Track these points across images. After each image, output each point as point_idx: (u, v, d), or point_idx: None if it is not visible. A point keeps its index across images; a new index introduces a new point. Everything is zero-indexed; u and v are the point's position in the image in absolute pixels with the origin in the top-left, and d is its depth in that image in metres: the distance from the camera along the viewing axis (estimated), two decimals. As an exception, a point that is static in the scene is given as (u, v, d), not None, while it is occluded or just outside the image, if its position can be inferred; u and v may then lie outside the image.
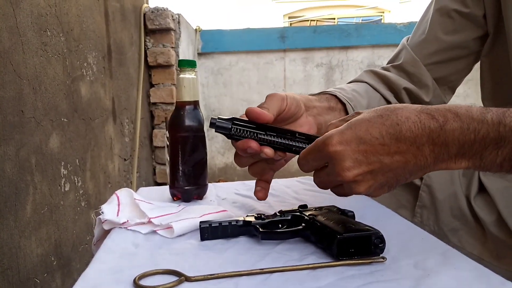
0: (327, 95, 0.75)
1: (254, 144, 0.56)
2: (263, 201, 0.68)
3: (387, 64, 0.91)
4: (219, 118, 0.58)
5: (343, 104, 0.75)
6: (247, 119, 0.59)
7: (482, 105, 0.85)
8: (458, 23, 0.80)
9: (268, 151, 0.57)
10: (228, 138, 0.59)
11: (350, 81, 0.89)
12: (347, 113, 0.75)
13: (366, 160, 0.46)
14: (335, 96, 0.75)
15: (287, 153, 0.60)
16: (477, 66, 0.88)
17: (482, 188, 0.75)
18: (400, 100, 0.85)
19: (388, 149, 0.45)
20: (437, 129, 0.44)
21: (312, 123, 0.67)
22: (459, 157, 0.46)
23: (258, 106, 0.58)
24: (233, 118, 0.59)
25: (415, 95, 0.85)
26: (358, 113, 0.50)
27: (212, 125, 0.58)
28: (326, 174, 0.50)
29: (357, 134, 0.45)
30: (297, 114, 0.64)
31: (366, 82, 0.85)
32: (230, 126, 0.59)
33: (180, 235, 0.61)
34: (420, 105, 0.47)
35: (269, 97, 0.61)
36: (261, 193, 0.63)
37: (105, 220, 0.65)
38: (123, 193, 0.72)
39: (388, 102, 0.83)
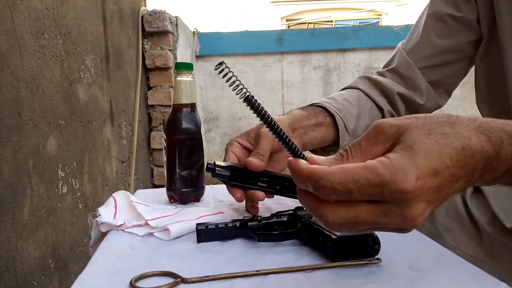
0: (316, 109, 0.77)
1: (241, 196, 0.66)
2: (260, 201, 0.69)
3: (382, 68, 0.92)
4: (216, 166, 0.64)
5: (332, 117, 0.76)
6: (241, 166, 0.67)
7: (477, 108, 0.86)
8: (451, 27, 0.81)
9: (260, 195, 0.65)
10: (226, 184, 0.67)
11: (345, 87, 0.90)
12: (335, 126, 0.77)
13: (437, 197, 0.37)
14: (325, 108, 0.77)
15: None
16: (473, 68, 0.88)
17: (476, 188, 0.75)
18: (394, 105, 0.86)
19: (454, 179, 0.37)
20: (493, 155, 0.38)
21: (297, 144, 0.62)
22: (497, 181, 0.41)
23: (252, 153, 0.66)
24: (230, 166, 0.66)
25: (409, 99, 0.86)
26: (411, 122, 0.39)
27: (209, 170, 0.64)
28: (381, 214, 0.36)
29: (432, 165, 0.36)
30: (279, 148, 0.69)
31: (359, 89, 0.87)
32: (228, 174, 0.65)
33: (177, 237, 0.61)
34: (473, 119, 0.40)
35: (262, 138, 0.67)
36: (255, 209, 0.70)
37: (102, 223, 0.65)
38: (120, 196, 0.72)
39: (381, 109, 0.85)
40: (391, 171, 0.34)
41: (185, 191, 0.78)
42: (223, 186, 0.95)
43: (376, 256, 0.51)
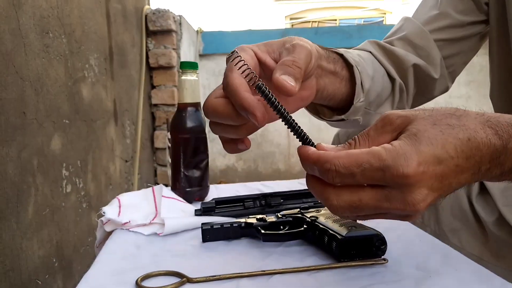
0: (334, 54, 0.61)
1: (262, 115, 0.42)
2: None
3: (386, 38, 0.82)
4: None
5: (348, 70, 0.63)
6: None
7: (491, 102, 0.84)
8: (466, 3, 0.78)
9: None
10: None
11: (353, 48, 0.78)
12: (351, 82, 0.63)
13: (440, 186, 0.37)
14: (341, 56, 0.63)
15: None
16: (476, 67, 0.87)
17: (483, 188, 0.75)
18: (404, 78, 0.76)
19: (459, 169, 0.38)
20: (500, 148, 0.39)
21: (314, 87, 0.54)
22: (506, 176, 0.41)
23: (284, 62, 0.44)
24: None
25: (424, 72, 0.77)
26: (418, 113, 0.39)
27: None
28: (384, 198, 0.37)
29: (435, 152, 0.36)
30: (309, 76, 0.51)
31: (370, 52, 0.75)
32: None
33: (182, 237, 0.61)
34: (480, 113, 0.41)
35: (299, 48, 0.46)
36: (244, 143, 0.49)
37: (107, 221, 0.65)
38: (124, 197, 0.73)
39: (392, 80, 0.75)
40: (393, 156, 0.35)
41: (189, 190, 0.78)
42: (227, 186, 0.95)
43: (382, 257, 0.50)
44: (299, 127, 0.40)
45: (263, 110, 0.40)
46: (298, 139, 0.41)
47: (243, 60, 0.39)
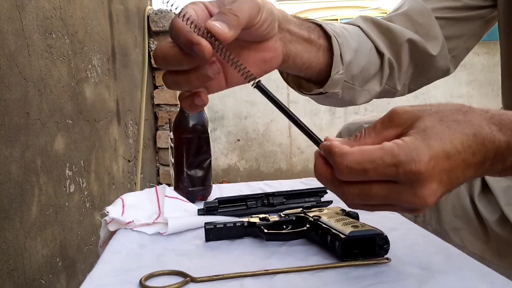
0: (310, 24, 0.59)
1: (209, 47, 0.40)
2: None
3: (388, 14, 0.79)
4: None
5: (327, 40, 0.60)
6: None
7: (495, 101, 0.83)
8: None
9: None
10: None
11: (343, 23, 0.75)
12: (330, 52, 0.60)
13: (449, 180, 0.38)
14: (320, 27, 0.61)
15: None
16: (478, 66, 0.86)
17: (485, 187, 0.75)
18: (397, 54, 0.72)
19: (465, 164, 0.39)
20: (504, 145, 0.39)
21: (279, 51, 0.51)
22: (507, 171, 0.42)
23: (220, 11, 0.43)
24: None
25: (420, 48, 0.74)
26: (425, 109, 0.40)
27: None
28: (394, 191, 0.38)
29: (444, 147, 0.37)
30: (267, 35, 0.48)
31: (358, 27, 0.72)
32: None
33: (185, 236, 0.62)
34: (485, 110, 0.41)
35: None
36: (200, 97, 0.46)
37: (111, 221, 0.65)
38: (128, 197, 0.73)
39: (381, 54, 0.71)
40: (406, 152, 0.36)
41: (192, 190, 0.78)
42: (230, 185, 0.95)
43: (385, 256, 0.50)
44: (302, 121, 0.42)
45: (208, 42, 0.40)
46: (300, 129, 0.42)
47: (190, 14, 0.40)
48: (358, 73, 0.65)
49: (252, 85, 0.42)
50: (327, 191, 0.72)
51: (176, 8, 0.40)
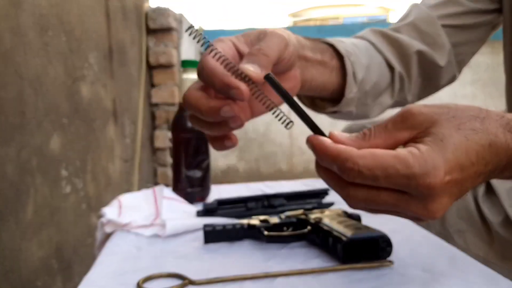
0: (322, 45, 0.60)
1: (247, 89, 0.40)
2: None
3: (392, 26, 0.80)
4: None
5: (339, 60, 0.61)
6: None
7: (500, 101, 0.82)
8: None
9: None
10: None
11: (351, 37, 0.77)
12: (341, 73, 0.61)
13: (459, 192, 0.37)
14: (332, 47, 0.61)
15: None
16: (482, 66, 0.85)
17: (489, 189, 0.74)
18: (407, 66, 0.74)
19: (477, 175, 0.38)
20: None
21: (298, 79, 0.52)
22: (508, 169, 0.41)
23: (251, 52, 0.43)
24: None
25: (429, 60, 0.75)
26: (442, 113, 0.38)
27: None
28: (403, 201, 0.36)
29: (459, 160, 0.36)
30: (290, 67, 0.50)
31: (368, 41, 0.73)
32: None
33: (183, 238, 0.61)
34: (501, 114, 0.40)
35: (269, 36, 0.45)
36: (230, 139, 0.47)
37: (107, 222, 0.64)
38: (125, 197, 0.72)
39: (391, 68, 0.72)
40: (421, 164, 0.34)
41: (191, 190, 0.77)
42: (229, 186, 0.94)
43: (388, 259, 0.49)
44: (306, 114, 0.39)
45: (246, 85, 0.39)
46: (306, 125, 0.39)
47: (216, 48, 0.39)
48: (370, 89, 0.66)
49: (285, 126, 0.40)
50: (329, 192, 0.71)
51: (202, 44, 0.38)
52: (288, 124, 0.39)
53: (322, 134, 0.38)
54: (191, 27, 0.39)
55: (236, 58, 0.45)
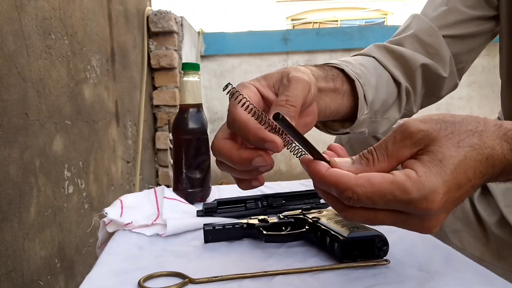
0: (333, 70, 0.61)
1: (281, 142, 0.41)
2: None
3: (394, 36, 0.81)
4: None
5: (350, 84, 0.62)
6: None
7: (497, 103, 0.83)
8: None
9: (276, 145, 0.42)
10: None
11: (356, 54, 0.79)
12: (353, 96, 0.62)
13: (455, 205, 0.38)
14: (342, 71, 0.63)
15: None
16: (478, 68, 0.86)
17: (485, 189, 0.75)
18: (412, 79, 0.75)
19: (473, 189, 0.38)
20: (506, 162, 0.39)
21: (316, 113, 0.54)
22: (510, 181, 0.42)
23: (279, 100, 0.44)
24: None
25: (433, 71, 0.76)
26: (440, 129, 0.38)
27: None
28: (401, 221, 0.38)
29: (457, 180, 0.36)
30: (311, 104, 0.51)
31: (374, 57, 0.75)
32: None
33: (184, 238, 0.61)
34: (499, 124, 0.40)
35: (294, 83, 0.46)
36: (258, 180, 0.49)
37: (109, 222, 0.65)
38: (127, 198, 0.73)
39: (398, 83, 0.73)
40: (419, 189, 0.35)
41: (191, 191, 0.78)
42: (229, 187, 0.95)
43: (384, 258, 0.50)
44: (306, 139, 0.39)
45: (280, 138, 0.40)
46: (306, 150, 0.39)
47: (245, 97, 0.39)
48: (380, 107, 0.68)
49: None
50: None
51: (229, 91, 0.39)
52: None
53: (325, 160, 0.39)
54: (228, 85, 0.39)
55: (261, 104, 0.47)
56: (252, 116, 0.39)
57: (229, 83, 0.39)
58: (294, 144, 0.40)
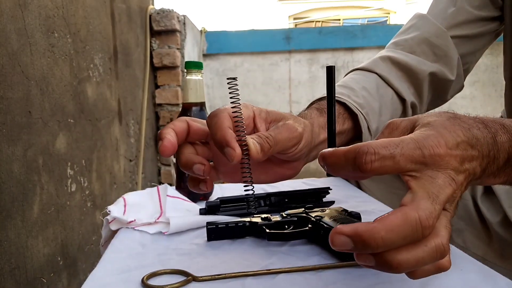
0: (336, 108, 0.60)
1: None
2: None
3: (397, 36, 0.81)
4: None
5: (353, 119, 0.62)
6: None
7: (500, 103, 0.84)
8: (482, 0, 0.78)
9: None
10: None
11: (360, 67, 0.78)
12: (356, 129, 0.62)
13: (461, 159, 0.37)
14: (344, 105, 0.62)
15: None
16: (481, 67, 0.87)
17: (488, 188, 0.75)
18: (419, 88, 0.75)
19: (469, 156, 0.38)
20: (491, 141, 0.39)
21: (299, 169, 0.54)
22: (502, 172, 0.42)
23: (264, 133, 0.46)
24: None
25: (440, 77, 0.76)
26: (420, 115, 0.40)
27: None
28: (415, 256, 0.36)
29: (457, 140, 0.37)
30: (295, 159, 0.52)
31: (376, 73, 0.74)
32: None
33: (187, 236, 0.61)
34: (470, 115, 0.41)
35: (284, 128, 0.47)
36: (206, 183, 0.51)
37: (113, 220, 0.65)
38: (130, 196, 0.73)
39: (402, 100, 0.74)
40: (426, 207, 0.36)
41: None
42: (231, 185, 0.95)
43: (387, 256, 0.50)
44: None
45: (240, 151, 0.42)
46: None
47: (241, 113, 0.42)
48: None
49: (247, 209, 0.49)
50: (330, 191, 0.72)
51: (232, 97, 0.41)
52: (251, 208, 0.45)
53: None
54: (233, 79, 0.43)
55: (250, 127, 0.48)
56: (234, 123, 0.41)
57: (236, 78, 0.41)
58: (249, 175, 0.44)
